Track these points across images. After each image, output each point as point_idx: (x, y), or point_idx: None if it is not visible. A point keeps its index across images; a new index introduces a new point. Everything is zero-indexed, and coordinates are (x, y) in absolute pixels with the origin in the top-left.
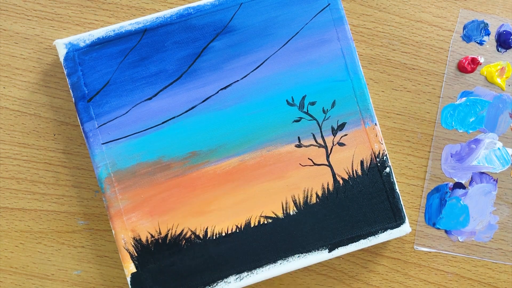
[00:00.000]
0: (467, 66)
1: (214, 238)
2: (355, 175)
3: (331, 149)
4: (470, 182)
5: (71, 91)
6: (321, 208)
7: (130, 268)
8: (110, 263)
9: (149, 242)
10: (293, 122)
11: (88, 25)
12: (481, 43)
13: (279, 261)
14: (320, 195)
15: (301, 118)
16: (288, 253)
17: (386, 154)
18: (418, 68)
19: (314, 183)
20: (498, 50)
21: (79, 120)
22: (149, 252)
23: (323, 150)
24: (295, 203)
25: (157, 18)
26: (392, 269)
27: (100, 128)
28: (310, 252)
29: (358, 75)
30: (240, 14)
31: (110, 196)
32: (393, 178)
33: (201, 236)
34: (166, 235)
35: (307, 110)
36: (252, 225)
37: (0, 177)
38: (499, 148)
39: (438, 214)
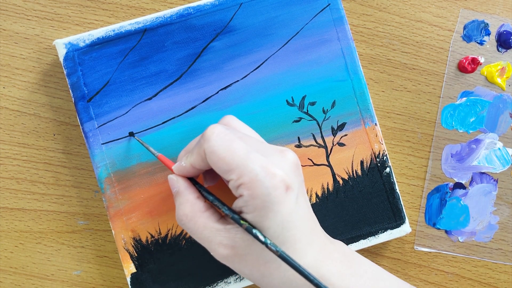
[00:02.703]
0: (468, 66)
1: None
2: (355, 175)
3: (331, 149)
4: (470, 182)
5: (70, 91)
6: (321, 208)
7: (130, 268)
8: (110, 263)
9: (149, 242)
10: (293, 122)
11: (88, 25)
12: (481, 43)
13: None
14: (320, 195)
15: (301, 118)
16: None
17: (386, 154)
18: (418, 68)
19: (314, 183)
20: (498, 50)
21: (79, 120)
22: (149, 252)
23: (323, 150)
24: None
25: (157, 18)
26: (392, 269)
27: (100, 128)
28: None
29: (358, 75)
30: (240, 14)
31: (110, 196)
32: (393, 178)
33: None
34: (166, 235)
35: (307, 110)
36: None
37: (0, 177)
38: (499, 148)
39: (438, 214)
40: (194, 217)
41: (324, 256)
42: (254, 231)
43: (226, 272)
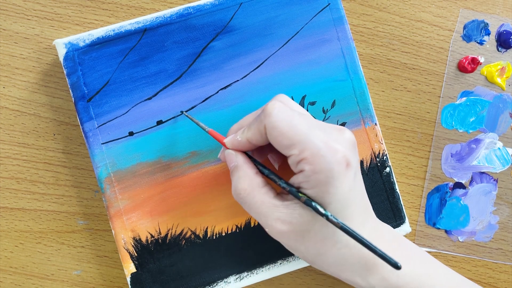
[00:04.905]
0: (467, 66)
1: (214, 238)
2: None
3: None
4: (470, 182)
5: (70, 91)
6: None
7: (130, 268)
8: (110, 263)
9: (149, 242)
10: None
11: (88, 25)
12: (481, 43)
13: (279, 261)
14: None
15: None
16: (288, 253)
17: (386, 154)
18: (418, 68)
19: None
20: (498, 50)
21: (78, 120)
22: (149, 252)
23: None
24: None
25: (157, 17)
26: None
27: (100, 128)
28: None
29: (358, 75)
30: (240, 14)
31: (110, 196)
32: (393, 178)
33: (201, 236)
34: (166, 235)
35: (307, 110)
36: (252, 225)
37: (0, 177)
38: (499, 148)
39: (438, 214)
40: (253, 191)
41: (377, 236)
42: (313, 203)
43: (226, 272)
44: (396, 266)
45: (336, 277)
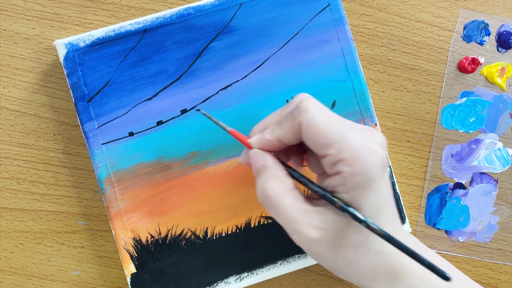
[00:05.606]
0: (468, 66)
1: (214, 238)
2: None
3: None
4: (471, 183)
5: (71, 91)
6: None
7: (130, 268)
8: (110, 264)
9: (149, 242)
10: None
11: (88, 25)
12: (481, 43)
13: (279, 262)
14: None
15: None
16: (288, 253)
17: (386, 154)
18: (418, 68)
19: None
20: (498, 50)
21: (79, 120)
22: (149, 252)
23: None
24: None
25: (157, 18)
26: None
27: (100, 128)
28: None
29: (358, 75)
30: (240, 14)
31: (110, 197)
32: (393, 178)
33: (201, 236)
34: (166, 235)
35: None
36: (252, 225)
37: (0, 177)
38: (499, 148)
39: (438, 214)
40: (283, 193)
41: (405, 242)
42: (350, 209)
43: (226, 272)
44: (445, 277)
45: (338, 278)
